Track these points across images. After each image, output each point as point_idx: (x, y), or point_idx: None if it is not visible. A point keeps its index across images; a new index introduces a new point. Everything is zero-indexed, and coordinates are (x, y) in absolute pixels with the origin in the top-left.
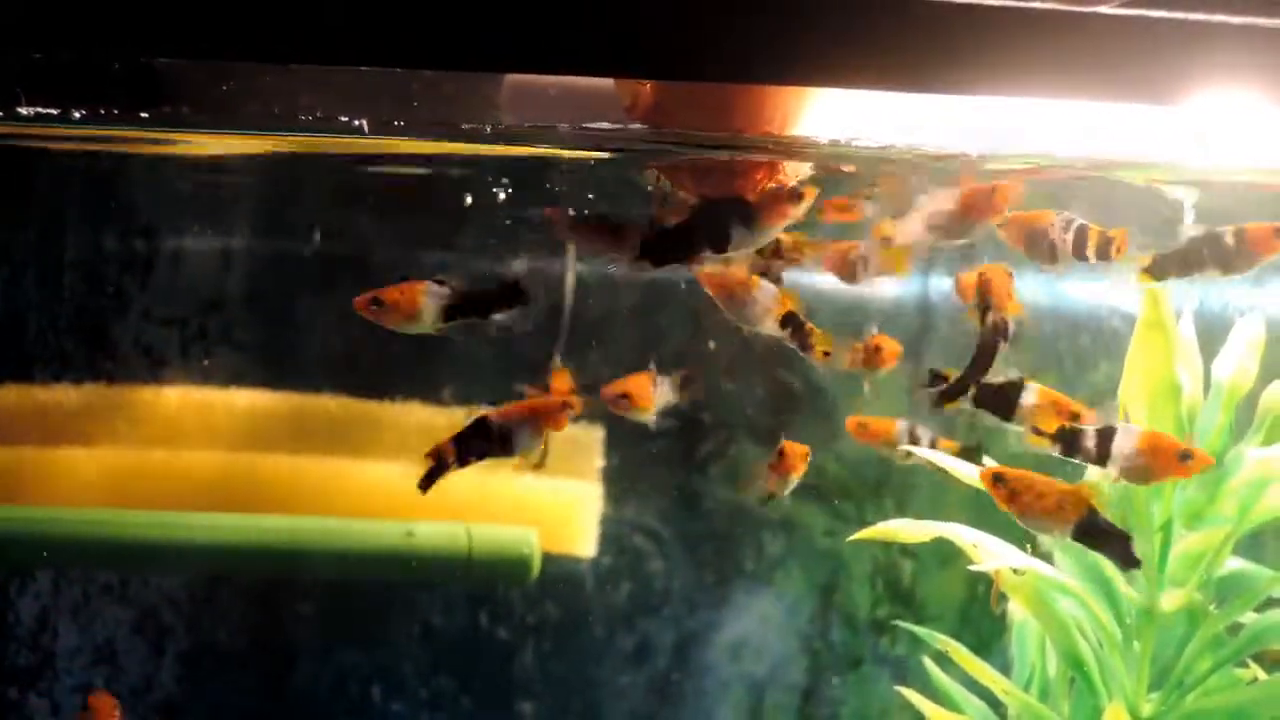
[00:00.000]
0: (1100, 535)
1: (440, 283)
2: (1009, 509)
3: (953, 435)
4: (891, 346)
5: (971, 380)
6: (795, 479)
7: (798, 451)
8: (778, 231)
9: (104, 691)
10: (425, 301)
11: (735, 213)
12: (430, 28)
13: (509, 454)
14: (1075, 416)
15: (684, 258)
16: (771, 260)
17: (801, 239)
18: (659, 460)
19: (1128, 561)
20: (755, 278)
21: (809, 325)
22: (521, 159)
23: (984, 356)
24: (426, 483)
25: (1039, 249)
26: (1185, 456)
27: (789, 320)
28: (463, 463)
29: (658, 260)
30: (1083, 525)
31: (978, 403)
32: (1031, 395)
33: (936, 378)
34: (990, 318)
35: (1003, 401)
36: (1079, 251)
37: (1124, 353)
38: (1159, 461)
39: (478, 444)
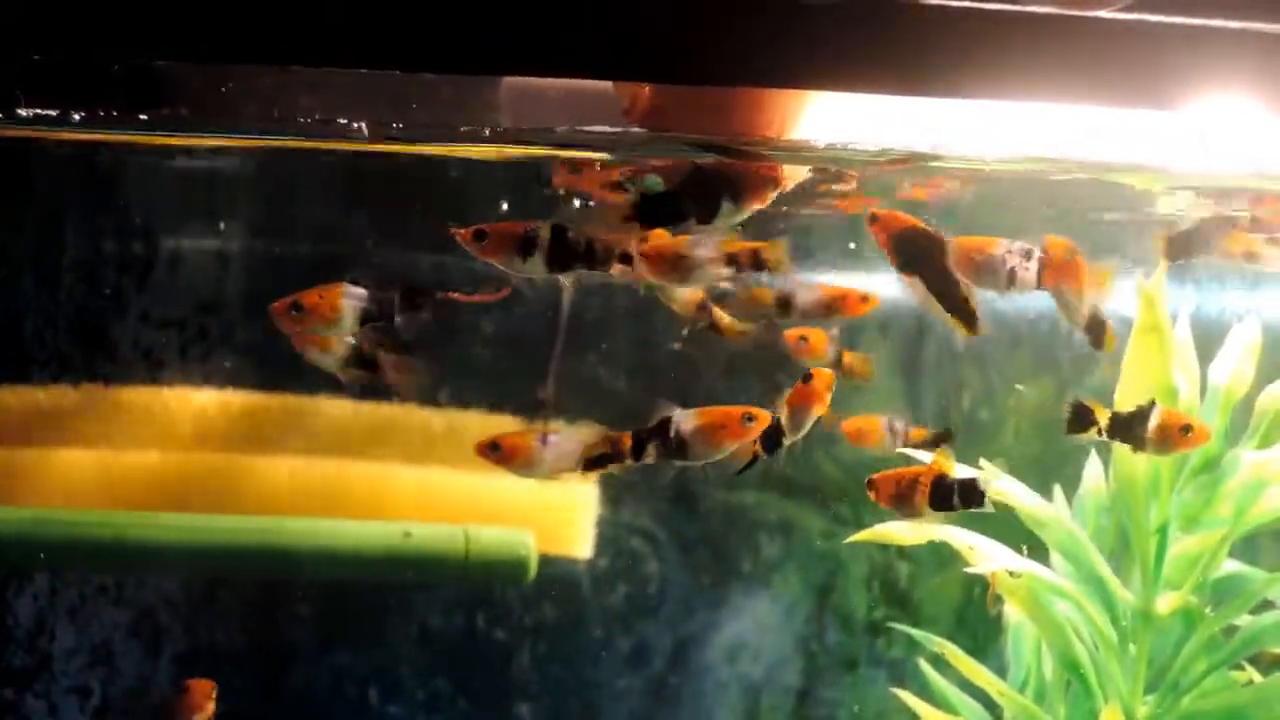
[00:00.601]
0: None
1: (355, 283)
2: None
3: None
4: (819, 338)
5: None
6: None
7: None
8: (761, 206)
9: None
10: (345, 305)
11: (723, 185)
12: (429, 30)
13: (684, 459)
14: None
15: (673, 223)
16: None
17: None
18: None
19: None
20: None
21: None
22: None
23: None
24: (592, 466)
25: (993, 278)
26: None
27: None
28: (636, 457)
29: (648, 224)
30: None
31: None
32: (1156, 417)
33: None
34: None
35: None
36: (1038, 284)
37: (1122, 355)
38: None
39: (656, 443)
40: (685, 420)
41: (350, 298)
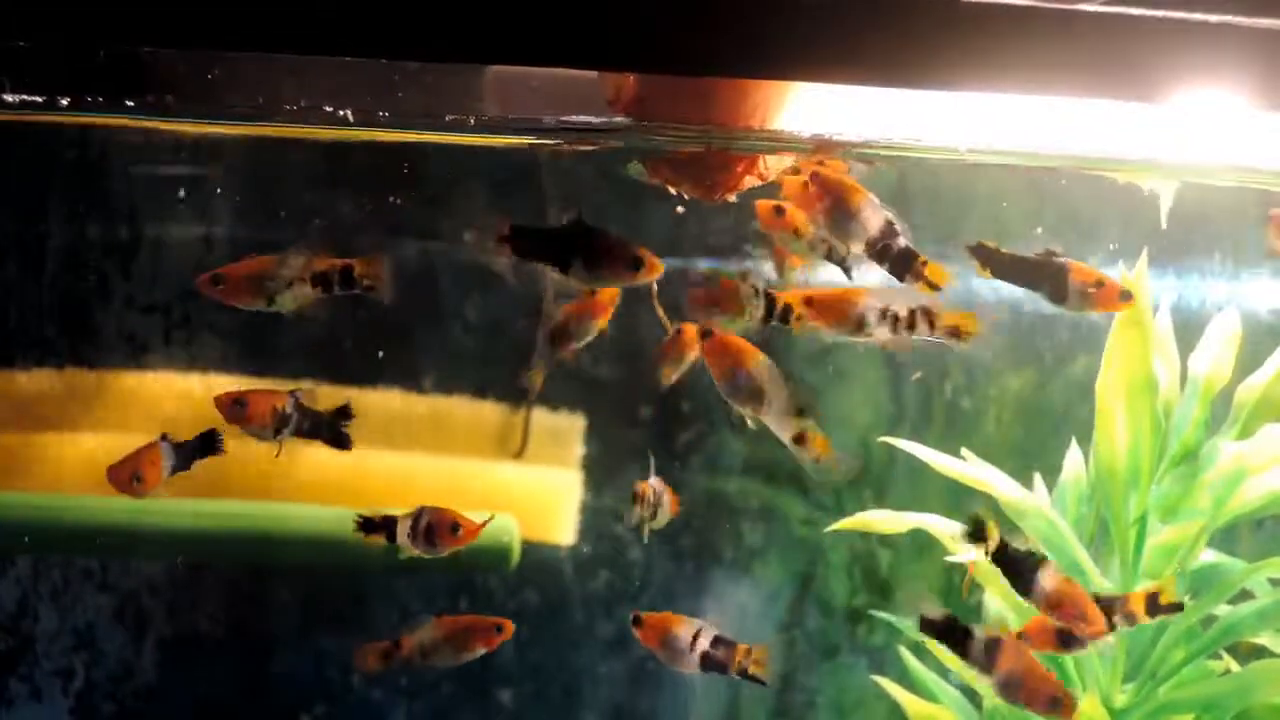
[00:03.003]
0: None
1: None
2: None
3: None
4: (690, 333)
5: None
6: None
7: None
8: (614, 288)
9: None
10: (281, 413)
11: (590, 249)
12: (415, 19)
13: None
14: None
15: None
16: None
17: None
18: (639, 449)
19: None
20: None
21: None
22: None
23: None
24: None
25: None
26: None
27: None
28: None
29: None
30: None
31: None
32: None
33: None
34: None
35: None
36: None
37: (1102, 347)
38: None
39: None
40: None
41: (288, 406)
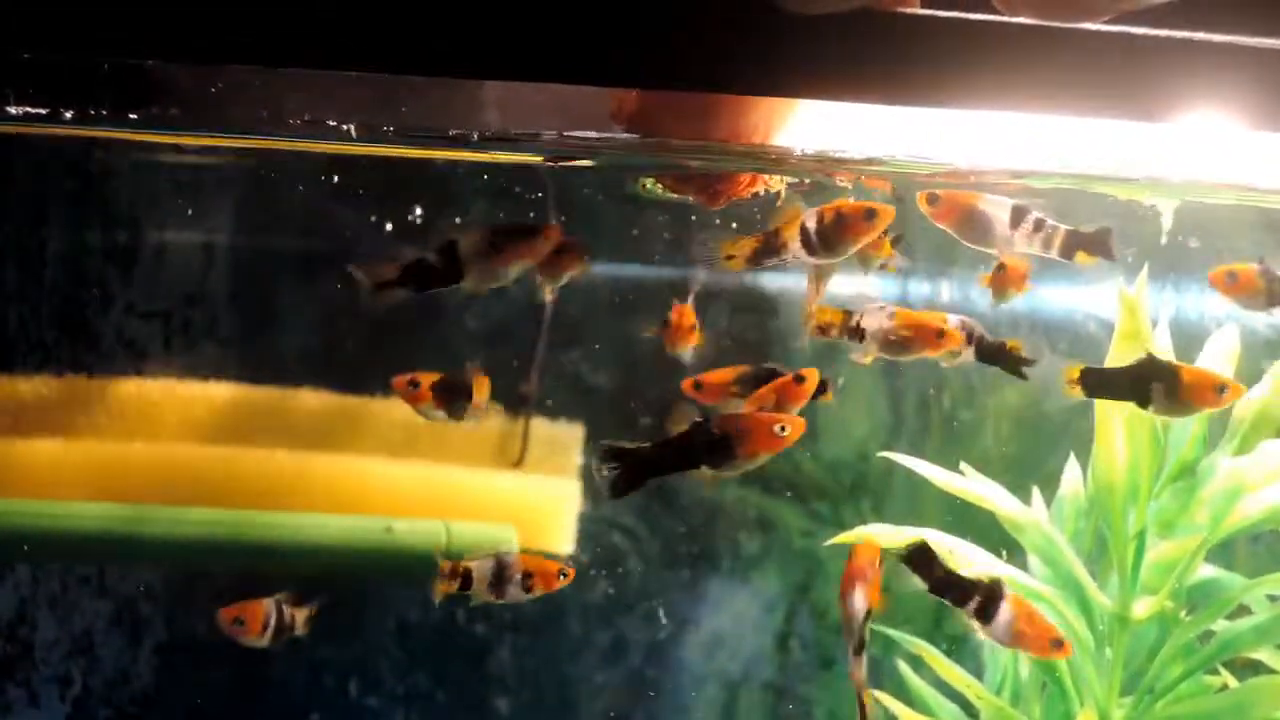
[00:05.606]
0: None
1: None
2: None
3: None
4: (689, 319)
5: None
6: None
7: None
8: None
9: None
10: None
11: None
12: (418, 33)
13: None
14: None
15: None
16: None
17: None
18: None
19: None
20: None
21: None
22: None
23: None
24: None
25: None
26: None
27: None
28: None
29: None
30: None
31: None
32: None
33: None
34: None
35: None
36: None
37: (1102, 358)
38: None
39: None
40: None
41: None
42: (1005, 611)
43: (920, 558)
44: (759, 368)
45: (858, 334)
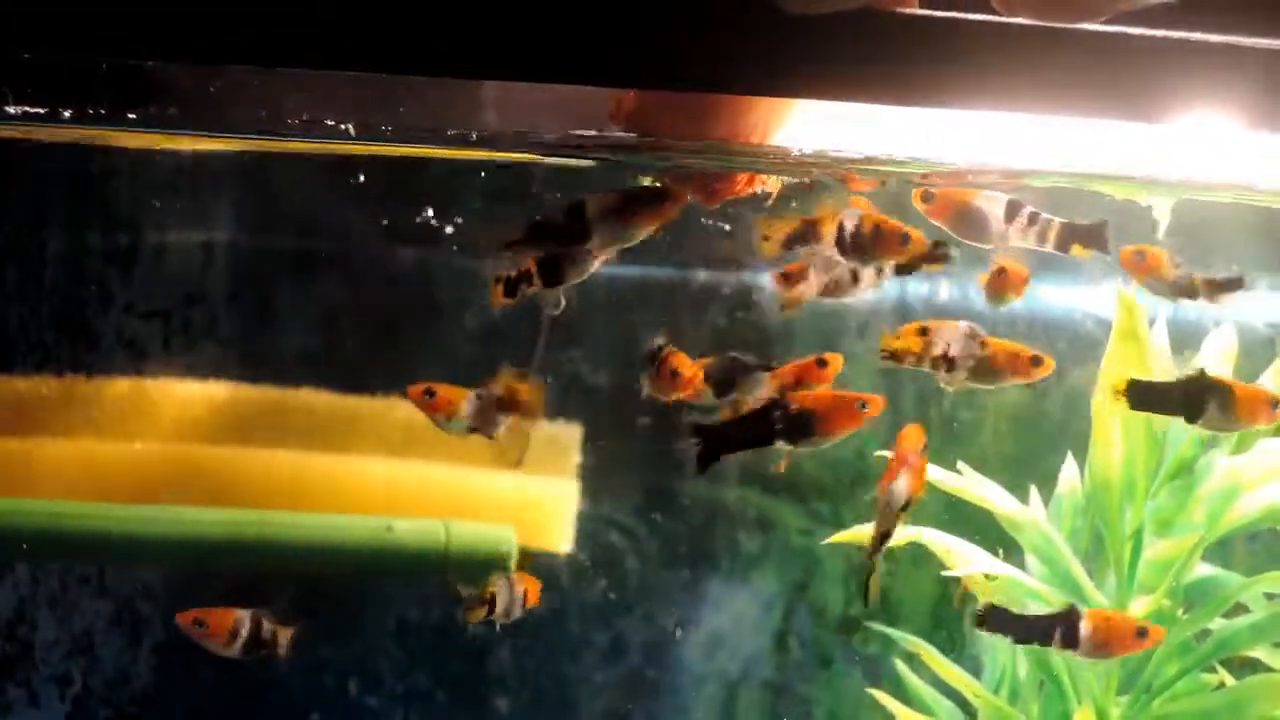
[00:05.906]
0: None
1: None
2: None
3: None
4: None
5: None
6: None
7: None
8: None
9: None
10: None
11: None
12: (417, 33)
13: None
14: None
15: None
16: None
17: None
18: (636, 457)
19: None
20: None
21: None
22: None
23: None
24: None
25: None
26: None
27: None
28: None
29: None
30: None
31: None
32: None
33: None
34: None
35: None
36: None
37: (1100, 357)
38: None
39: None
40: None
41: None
42: (1086, 629)
43: (995, 619)
44: (723, 357)
45: (947, 363)
